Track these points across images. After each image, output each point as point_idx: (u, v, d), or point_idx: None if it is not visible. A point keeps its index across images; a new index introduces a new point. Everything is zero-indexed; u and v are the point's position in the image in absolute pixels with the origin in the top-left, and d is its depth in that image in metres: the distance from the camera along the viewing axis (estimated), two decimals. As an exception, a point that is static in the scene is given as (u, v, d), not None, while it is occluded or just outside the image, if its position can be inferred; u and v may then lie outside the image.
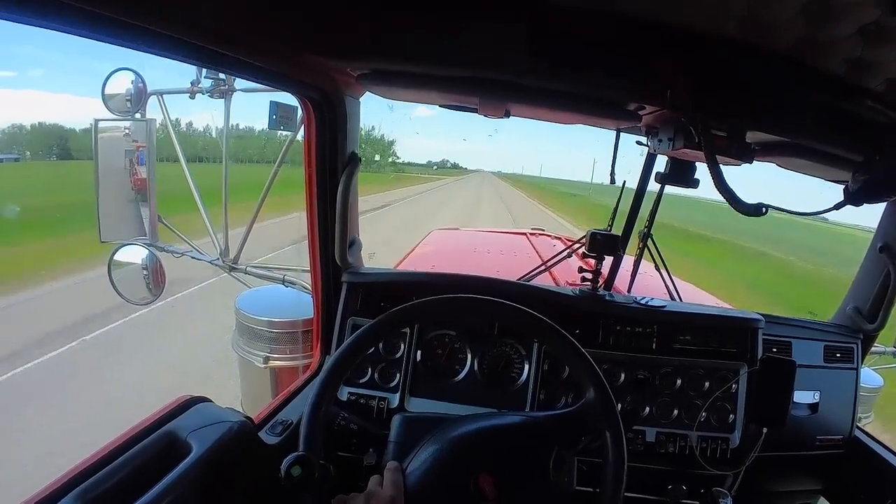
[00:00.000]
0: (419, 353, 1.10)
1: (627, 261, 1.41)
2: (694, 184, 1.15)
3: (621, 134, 1.24)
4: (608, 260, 1.21)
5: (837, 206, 0.82)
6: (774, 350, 1.16)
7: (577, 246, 1.37)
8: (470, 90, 0.89)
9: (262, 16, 0.68)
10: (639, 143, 1.19)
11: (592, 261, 1.14)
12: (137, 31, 0.55)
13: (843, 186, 0.80)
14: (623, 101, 0.91)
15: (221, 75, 1.74)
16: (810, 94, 0.70)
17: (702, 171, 1.17)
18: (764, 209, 0.79)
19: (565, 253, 1.41)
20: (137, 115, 1.85)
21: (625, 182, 1.24)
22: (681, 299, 1.33)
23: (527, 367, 1.09)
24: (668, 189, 1.22)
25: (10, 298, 5.75)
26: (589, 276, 1.13)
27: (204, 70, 1.73)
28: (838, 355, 1.22)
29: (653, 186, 1.25)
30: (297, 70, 0.90)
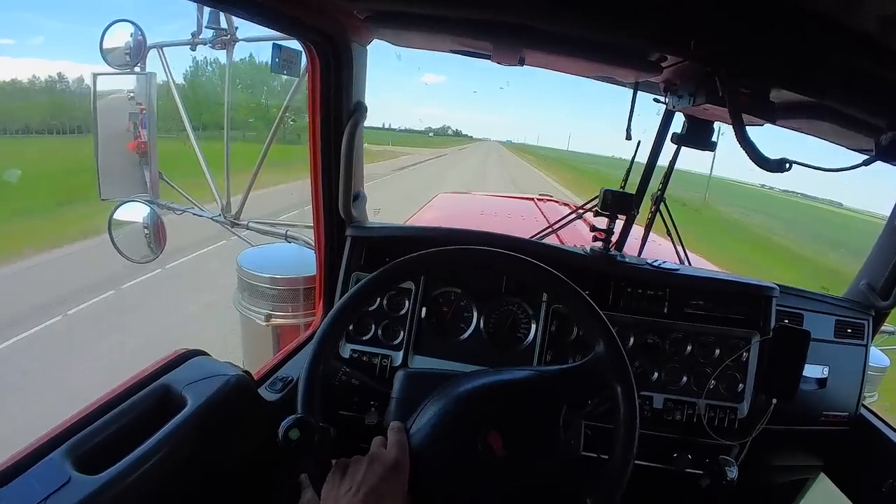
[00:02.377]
0: (424, 310, 1.08)
1: (637, 230, 1.38)
2: (711, 146, 1.11)
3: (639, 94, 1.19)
4: (619, 222, 1.18)
5: (867, 162, 0.79)
6: (786, 321, 1.13)
7: (584, 210, 1.34)
8: (483, 34, 0.84)
9: None
10: (656, 100, 1.14)
11: (604, 222, 1.11)
12: None
13: (875, 140, 0.76)
14: (644, 50, 0.86)
15: (223, 24, 1.68)
16: (840, 52, 0.66)
17: (718, 133, 1.13)
18: (787, 165, 0.76)
19: (573, 216, 1.37)
20: (137, 69, 1.80)
21: (640, 142, 1.19)
22: (692, 266, 1.30)
23: (534, 326, 1.07)
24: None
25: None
26: (600, 235, 1.10)
27: (205, 19, 1.67)
28: (849, 331, 1.20)
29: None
30: (301, 10, 0.85)
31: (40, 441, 0.68)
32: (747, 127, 0.88)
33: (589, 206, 1.32)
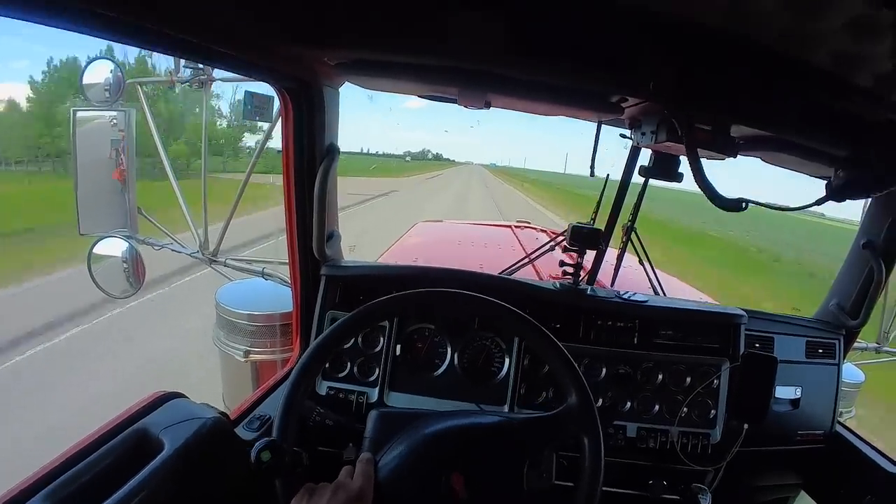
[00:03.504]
0: (398, 346, 1.09)
1: (612, 255, 1.40)
2: (678, 178, 1.14)
3: (605, 126, 1.22)
4: (591, 254, 1.20)
5: (819, 202, 0.81)
6: (757, 345, 1.15)
7: (560, 239, 1.36)
8: (449, 80, 0.87)
9: (237, 4, 0.66)
10: (622, 136, 1.18)
11: (575, 254, 1.13)
12: (111, 21, 0.54)
13: (826, 182, 0.79)
14: (605, 92, 0.89)
15: (200, 64, 1.70)
16: (795, 88, 0.69)
17: (686, 165, 1.16)
18: (744, 204, 0.78)
19: (548, 246, 1.40)
20: (118, 105, 1.81)
21: (608, 175, 1.23)
22: (664, 293, 1.33)
23: (507, 361, 1.08)
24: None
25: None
26: (570, 269, 1.12)
27: (182, 59, 1.69)
28: (820, 351, 1.23)
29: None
30: (273, 60, 0.88)
31: (19, 487, 0.68)
32: (711, 161, 0.91)
33: (560, 238, 1.34)
